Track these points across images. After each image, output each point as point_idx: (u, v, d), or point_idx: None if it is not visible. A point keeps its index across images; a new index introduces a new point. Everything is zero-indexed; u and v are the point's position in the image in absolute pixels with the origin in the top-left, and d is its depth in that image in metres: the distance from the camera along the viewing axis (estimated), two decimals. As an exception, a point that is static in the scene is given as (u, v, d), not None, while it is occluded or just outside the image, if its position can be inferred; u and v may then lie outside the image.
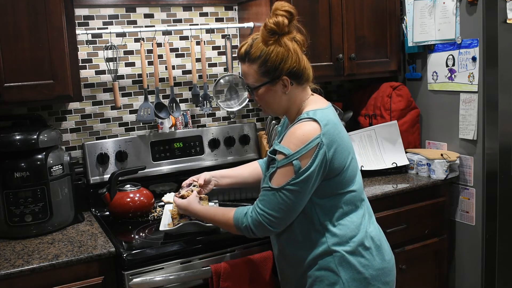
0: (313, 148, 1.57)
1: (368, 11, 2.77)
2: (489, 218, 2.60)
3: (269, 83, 1.66)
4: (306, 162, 1.57)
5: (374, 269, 1.68)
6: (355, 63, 2.74)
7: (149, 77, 2.58)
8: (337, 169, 1.63)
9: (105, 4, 2.50)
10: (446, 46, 2.69)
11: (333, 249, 1.65)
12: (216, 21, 2.77)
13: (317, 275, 1.67)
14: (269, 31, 1.62)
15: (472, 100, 2.58)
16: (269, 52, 1.62)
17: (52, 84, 2.09)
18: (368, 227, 1.71)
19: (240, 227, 1.68)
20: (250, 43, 1.67)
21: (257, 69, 1.65)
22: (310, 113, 1.64)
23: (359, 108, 2.98)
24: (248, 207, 1.68)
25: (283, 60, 1.63)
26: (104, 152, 2.46)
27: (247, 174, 2.05)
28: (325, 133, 1.59)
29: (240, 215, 1.68)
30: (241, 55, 1.69)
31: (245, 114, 2.92)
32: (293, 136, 1.60)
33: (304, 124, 1.61)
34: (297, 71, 1.66)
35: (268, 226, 1.62)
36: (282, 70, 1.64)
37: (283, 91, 1.67)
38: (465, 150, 2.67)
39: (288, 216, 1.63)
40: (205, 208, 1.87)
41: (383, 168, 2.75)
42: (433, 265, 2.69)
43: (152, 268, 1.88)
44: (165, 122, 2.62)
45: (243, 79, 1.73)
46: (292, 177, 1.58)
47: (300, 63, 1.66)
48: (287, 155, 1.58)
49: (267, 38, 1.63)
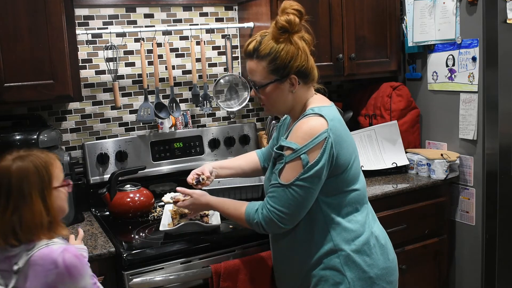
0: (321, 142, 1.57)
1: (368, 11, 2.77)
2: (489, 218, 2.60)
3: (277, 81, 1.64)
4: (314, 156, 1.57)
5: (379, 268, 1.68)
6: (355, 63, 2.74)
7: (149, 77, 2.58)
8: (342, 166, 1.63)
9: (105, 4, 2.50)
10: (446, 46, 2.69)
11: (339, 248, 1.65)
12: (216, 21, 2.77)
13: (321, 275, 1.66)
14: (280, 28, 1.60)
15: (472, 100, 2.58)
16: (279, 50, 1.61)
17: (52, 84, 2.09)
18: (372, 226, 1.72)
19: (251, 223, 1.68)
20: (259, 40, 1.65)
21: (266, 67, 1.63)
22: (315, 109, 1.64)
23: (359, 108, 2.98)
24: (259, 203, 1.68)
25: (292, 58, 1.61)
26: (104, 152, 2.46)
27: (245, 165, 2.06)
28: (331, 128, 1.59)
29: (252, 210, 1.67)
30: (249, 51, 1.66)
31: (245, 114, 2.92)
32: (300, 131, 1.60)
33: (311, 119, 1.61)
34: (305, 70, 1.66)
35: (279, 223, 1.61)
36: (291, 69, 1.63)
37: (290, 90, 1.66)
38: (465, 150, 2.67)
39: (298, 213, 1.62)
40: (218, 199, 1.85)
41: (383, 168, 2.75)
42: (433, 265, 2.69)
43: (152, 268, 1.88)
44: (165, 122, 2.62)
45: (249, 76, 1.71)
46: (300, 172, 1.57)
47: (308, 62, 1.66)
48: (295, 149, 1.58)
49: (277, 36, 1.61)
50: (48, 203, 1.47)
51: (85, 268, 1.47)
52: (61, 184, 1.54)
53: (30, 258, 1.42)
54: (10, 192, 1.44)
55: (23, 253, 1.43)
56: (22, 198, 1.44)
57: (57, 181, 1.53)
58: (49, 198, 1.48)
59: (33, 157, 1.49)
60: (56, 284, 1.41)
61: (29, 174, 1.45)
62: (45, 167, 1.49)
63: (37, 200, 1.45)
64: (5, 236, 1.44)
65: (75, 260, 1.44)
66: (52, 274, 1.41)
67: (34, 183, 1.45)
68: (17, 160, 1.47)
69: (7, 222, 1.43)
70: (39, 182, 1.46)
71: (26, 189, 1.44)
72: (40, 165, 1.48)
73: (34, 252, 1.43)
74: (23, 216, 1.43)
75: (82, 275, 1.45)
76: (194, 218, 2.00)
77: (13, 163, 1.46)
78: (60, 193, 1.54)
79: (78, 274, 1.44)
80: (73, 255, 1.44)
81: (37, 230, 1.44)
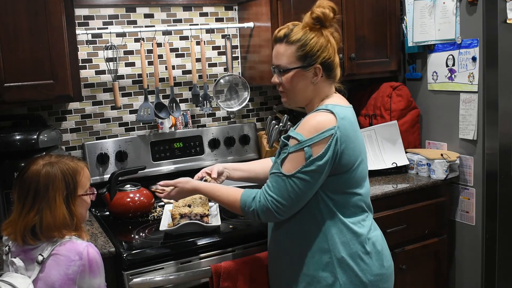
0: (326, 138, 1.58)
1: (368, 11, 2.77)
2: (489, 218, 2.60)
3: (302, 67, 1.66)
4: (318, 151, 1.57)
5: (373, 274, 1.67)
6: (355, 63, 2.74)
7: (149, 77, 2.58)
8: (346, 165, 1.62)
9: (105, 4, 2.50)
10: (446, 46, 2.69)
11: (333, 249, 1.64)
12: (216, 21, 2.77)
13: (314, 275, 1.66)
14: (315, 18, 1.64)
15: (472, 100, 2.58)
16: (310, 38, 1.65)
17: (52, 84, 2.09)
18: (371, 232, 1.71)
19: (247, 210, 1.66)
20: (291, 27, 1.69)
21: (294, 52, 1.66)
22: (329, 106, 1.66)
23: (359, 108, 2.98)
24: (256, 191, 1.67)
25: (321, 48, 1.65)
26: (104, 152, 2.46)
27: (259, 170, 2.03)
28: (340, 126, 1.60)
29: (248, 198, 1.66)
30: (280, 36, 1.69)
31: (245, 114, 2.92)
32: (308, 123, 1.62)
33: (320, 114, 1.63)
34: (331, 64, 1.69)
35: (275, 213, 1.61)
36: (317, 58, 1.65)
37: (313, 80, 1.68)
38: (465, 150, 2.67)
39: (295, 205, 1.62)
40: (207, 184, 1.84)
41: (383, 168, 2.75)
42: (433, 265, 2.69)
43: (152, 268, 1.88)
44: (165, 122, 2.62)
45: (274, 60, 1.72)
46: (303, 165, 1.58)
47: (335, 57, 1.69)
48: (300, 141, 1.59)
49: (311, 25, 1.65)
50: (72, 208, 1.57)
51: (103, 267, 1.58)
52: (85, 193, 1.63)
53: (54, 249, 1.52)
54: (37, 194, 1.54)
55: (47, 245, 1.53)
56: (47, 202, 1.53)
57: (82, 189, 1.62)
58: (73, 204, 1.58)
59: (62, 164, 1.59)
60: (75, 276, 1.50)
61: (56, 180, 1.55)
62: (72, 175, 1.59)
63: (61, 205, 1.54)
64: (24, 235, 1.53)
65: (98, 257, 1.55)
66: (75, 265, 1.50)
67: (60, 189, 1.55)
68: (47, 166, 1.57)
69: (30, 222, 1.53)
70: (64, 188, 1.56)
71: (51, 193, 1.54)
72: (67, 173, 1.58)
73: (57, 245, 1.52)
74: (45, 218, 1.52)
75: (100, 272, 1.56)
76: (194, 218, 2.00)
77: (43, 168, 1.56)
78: (83, 201, 1.63)
79: (97, 270, 1.54)
80: (96, 251, 1.56)
81: (59, 229, 1.53)
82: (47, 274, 1.50)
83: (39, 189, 1.54)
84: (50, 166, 1.57)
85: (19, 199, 1.56)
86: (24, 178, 1.56)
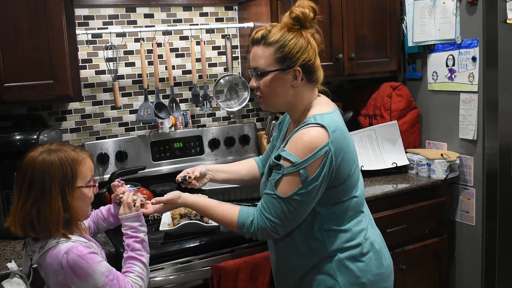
0: (321, 156, 1.52)
1: (368, 11, 2.77)
2: (489, 218, 2.60)
3: (281, 70, 1.58)
4: (313, 171, 1.52)
5: (372, 274, 1.66)
6: (355, 63, 2.74)
7: (149, 77, 2.58)
8: (342, 177, 1.59)
9: (105, 4, 2.50)
10: (446, 46, 2.69)
11: (332, 255, 1.63)
12: (216, 21, 2.77)
13: (314, 279, 1.65)
14: (294, 18, 1.58)
15: (472, 100, 2.58)
16: (288, 39, 1.58)
17: (52, 84, 2.09)
18: (368, 232, 1.69)
19: (245, 232, 1.63)
20: (268, 28, 1.62)
21: (272, 53, 1.58)
22: (317, 117, 1.57)
23: (359, 108, 2.98)
24: (253, 211, 1.63)
25: (300, 50, 1.58)
26: (104, 152, 2.46)
27: (244, 171, 2.00)
28: (333, 140, 1.54)
29: (247, 220, 1.62)
30: (257, 38, 1.62)
31: (245, 114, 2.92)
32: (300, 143, 1.54)
33: (311, 130, 1.55)
34: (311, 67, 1.61)
35: (271, 232, 1.59)
36: (297, 60, 1.58)
37: (292, 83, 1.61)
38: (465, 150, 2.67)
39: (292, 224, 1.60)
40: (199, 200, 1.75)
41: (383, 168, 2.75)
42: (433, 265, 2.69)
43: (152, 268, 1.87)
44: (165, 122, 2.62)
45: (251, 63, 1.64)
46: (299, 187, 1.53)
47: (316, 60, 1.62)
48: (294, 163, 1.53)
49: (290, 25, 1.59)
50: (68, 200, 1.45)
51: (92, 266, 1.43)
52: (85, 185, 1.51)
53: (41, 256, 1.44)
54: (33, 183, 1.43)
55: (38, 250, 1.45)
56: (42, 191, 1.42)
57: (82, 180, 1.50)
58: (69, 196, 1.45)
59: (62, 152, 1.47)
60: (67, 282, 1.43)
61: (52, 168, 1.43)
62: (71, 164, 1.46)
63: (56, 196, 1.43)
64: (24, 228, 1.45)
65: (79, 260, 1.41)
66: (61, 274, 1.42)
67: (56, 178, 1.43)
68: (44, 153, 1.46)
69: (27, 214, 1.43)
70: (61, 177, 1.44)
71: (47, 182, 1.42)
72: (66, 161, 1.45)
73: (44, 251, 1.44)
74: (41, 210, 1.42)
75: (89, 273, 1.42)
76: (194, 218, 2.01)
77: (40, 155, 1.45)
78: (82, 194, 1.51)
79: (84, 273, 1.41)
80: (76, 255, 1.41)
81: (52, 226, 1.43)
82: (47, 280, 1.48)
83: (34, 178, 1.42)
84: (48, 153, 1.45)
85: (16, 189, 1.46)
86: (21, 166, 1.46)
